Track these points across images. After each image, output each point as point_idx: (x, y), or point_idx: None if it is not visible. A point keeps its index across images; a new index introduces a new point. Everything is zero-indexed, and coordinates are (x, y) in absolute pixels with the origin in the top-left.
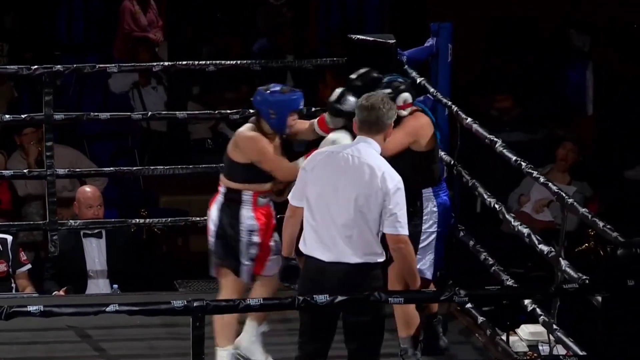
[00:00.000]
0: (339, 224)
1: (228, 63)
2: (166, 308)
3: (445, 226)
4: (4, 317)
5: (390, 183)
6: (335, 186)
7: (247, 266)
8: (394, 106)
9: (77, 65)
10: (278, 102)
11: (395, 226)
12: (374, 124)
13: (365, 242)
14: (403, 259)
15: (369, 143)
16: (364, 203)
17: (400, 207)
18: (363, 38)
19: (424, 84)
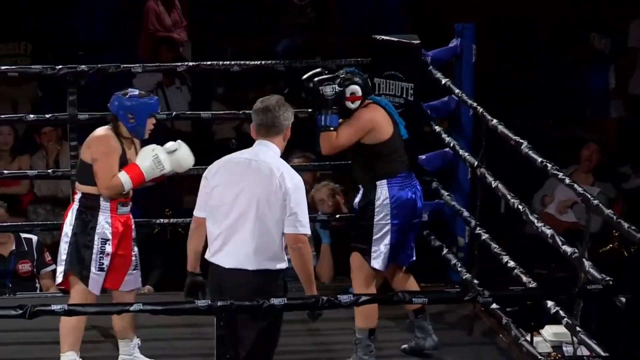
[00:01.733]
0: (240, 229)
1: (252, 63)
2: (190, 308)
3: (402, 218)
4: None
5: (289, 182)
6: (235, 192)
7: (96, 276)
8: (290, 109)
9: (102, 65)
10: (137, 106)
11: (296, 225)
12: (271, 127)
13: (266, 247)
14: (301, 259)
15: (267, 146)
16: (264, 205)
17: (301, 207)
18: (387, 38)
19: (449, 84)
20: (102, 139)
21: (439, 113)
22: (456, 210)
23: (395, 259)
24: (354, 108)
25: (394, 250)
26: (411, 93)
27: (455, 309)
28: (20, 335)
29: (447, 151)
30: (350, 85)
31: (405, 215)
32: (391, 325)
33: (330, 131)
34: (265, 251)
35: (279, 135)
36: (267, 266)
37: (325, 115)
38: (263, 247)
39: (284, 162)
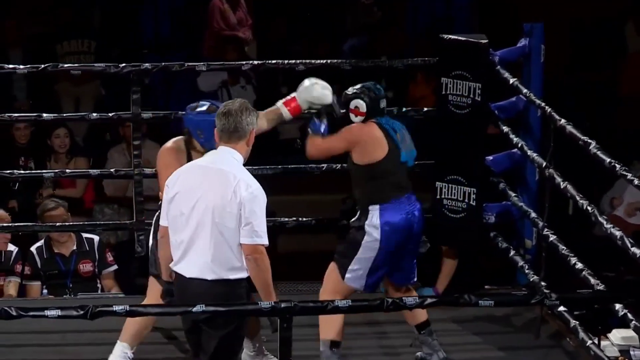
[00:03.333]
0: (199, 238)
1: (318, 62)
2: (253, 309)
3: (393, 244)
4: (90, 317)
5: (244, 191)
6: (193, 200)
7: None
8: (254, 113)
9: (166, 64)
10: (204, 122)
11: (252, 236)
12: (234, 132)
13: (224, 257)
14: (257, 269)
15: (229, 152)
16: (220, 214)
17: (257, 216)
18: (455, 38)
19: (517, 84)
20: (163, 152)
21: (506, 113)
22: (524, 211)
23: (385, 279)
24: (356, 122)
25: (377, 272)
26: (479, 93)
27: (522, 311)
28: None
29: (515, 152)
30: (356, 99)
31: (397, 240)
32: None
33: (319, 136)
34: (223, 261)
35: (241, 141)
36: (226, 276)
37: (319, 121)
38: (221, 257)
39: (244, 170)
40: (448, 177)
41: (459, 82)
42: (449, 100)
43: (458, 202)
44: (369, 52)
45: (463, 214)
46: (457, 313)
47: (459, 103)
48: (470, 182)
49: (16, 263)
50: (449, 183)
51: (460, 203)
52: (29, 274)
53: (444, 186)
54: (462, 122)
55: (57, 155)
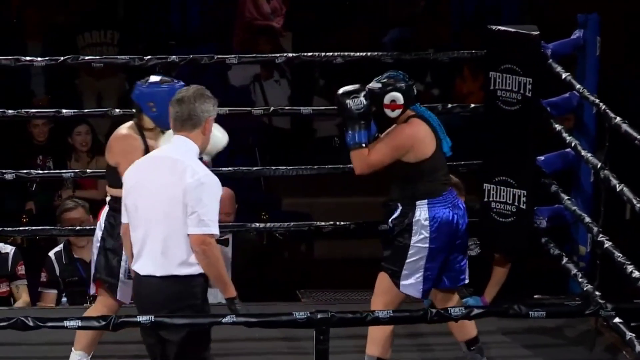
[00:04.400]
0: (151, 233)
1: (357, 55)
2: (287, 320)
3: (442, 241)
4: (112, 328)
5: (190, 177)
6: (146, 193)
7: (123, 285)
8: (210, 100)
9: (194, 56)
10: (156, 93)
11: (198, 225)
12: (186, 120)
13: (174, 250)
14: (207, 261)
15: (184, 141)
16: (168, 204)
17: (204, 204)
18: (504, 29)
19: (570, 79)
20: (121, 138)
21: (559, 110)
22: (577, 215)
23: (437, 283)
24: (394, 117)
25: (431, 275)
26: (529, 88)
27: (576, 323)
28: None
29: (568, 152)
30: (391, 92)
31: (446, 237)
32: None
33: (361, 148)
34: (173, 255)
35: (196, 129)
36: (176, 271)
37: (353, 131)
38: (170, 251)
39: (194, 158)
40: (496, 178)
41: (508, 77)
42: (497, 96)
43: (507, 205)
44: (411, 45)
45: (512, 218)
46: (507, 324)
47: (508, 99)
48: (520, 184)
49: (17, 265)
50: (497, 185)
51: (510, 206)
52: (45, 280)
53: (492, 188)
54: (511, 119)
55: (78, 154)
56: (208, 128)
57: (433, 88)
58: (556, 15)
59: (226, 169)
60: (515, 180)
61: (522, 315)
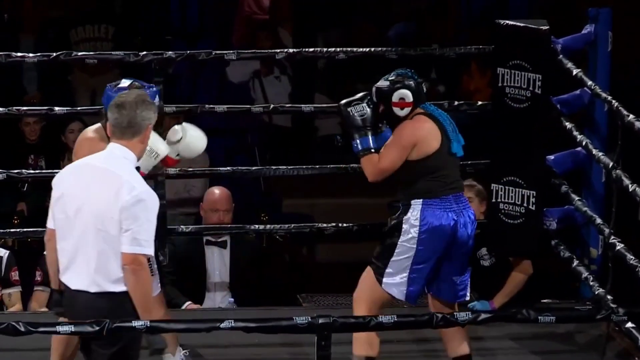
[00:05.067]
0: (83, 246)
1: (360, 50)
2: (288, 325)
3: (432, 245)
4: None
5: (127, 194)
6: (78, 203)
7: None
8: (152, 106)
9: (191, 52)
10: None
11: (132, 244)
12: (127, 127)
13: (108, 267)
14: (135, 282)
15: (121, 150)
16: (102, 221)
17: (141, 223)
18: (512, 24)
19: (581, 76)
20: (82, 142)
21: (570, 108)
22: (588, 217)
23: (430, 289)
24: (404, 115)
25: (417, 277)
26: (539, 85)
27: (587, 328)
28: None
29: (579, 151)
30: (399, 90)
31: (438, 242)
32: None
33: (370, 153)
34: (107, 272)
35: (135, 138)
36: (111, 288)
37: (360, 138)
38: (104, 268)
39: (132, 171)
40: (504, 178)
41: (517, 73)
42: (506, 93)
43: (515, 206)
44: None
45: (521, 219)
46: (515, 329)
47: (517, 96)
48: (529, 184)
49: (10, 270)
50: (505, 185)
51: (518, 207)
52: (39, 280)
53: (500, 188)
54: (520, 117)
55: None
56: (147, 136)
57: (438, 85)
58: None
59: (224, 169)
60: (524, 181)
61: (531, 320)
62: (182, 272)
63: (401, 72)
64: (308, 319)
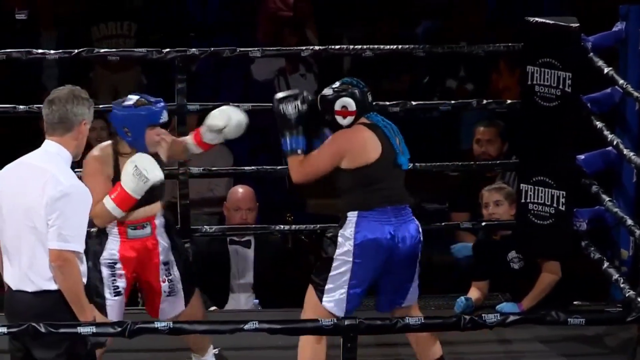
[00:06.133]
0: (19, 245)
1: (387, 48)
2: (313, 327)
3: (369, 259)
4: (128, 335)
5: (53, 189)
6: (11, 201)
7: (112, 302)
8: (85, 102)
9: (215, 49)
10: (130, 117)
11: (57, 239)
12: (57, 124)
13: (41, 265)
14: (62, 279)
15: (54, 147)
16: (32, 217)
17: (67, 218)
18: (542, 21)
19: (612, 74)
20: (88, 160)
21: (600, 107)
22: (619, 217)
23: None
24: (347, 124)
25: (354, 293)
26: (569, 84)
27: (617, 331)
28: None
29: (610, 150)
30: (342, 98)
31: (374, 257)
32: None
33: (296, 155)
34: (41, 270)
35: (67, 134)
36: (47, 286)
37: (288, 137)
38: (38, 266)
39: (63, 167)
40: (534, 178)
41: (546, 71)
42: (535, 91)
43: (545, 206)
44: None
45: (551, 220)
46: (544, 332)
47: (546, 95)
48: (559, 184)
49: None
50: (535, 185)
51: (548, 208)
52: None
53: (529, 189)
54: (550, 116)
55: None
56: (82, 132)
57: (467, 83)
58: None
59: (249, 168)
60: (554, 181)
61: (560, 323)
62: (206, 273)
63: (347, 80)
64: (334, 321)
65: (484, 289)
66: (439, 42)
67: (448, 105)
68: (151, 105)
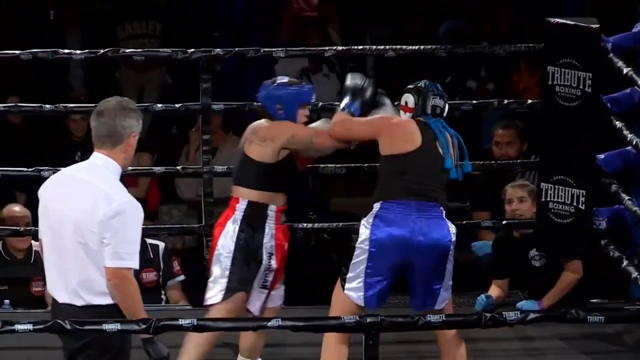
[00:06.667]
0: (66, 259)
1: (409, 48)
2: (336, 324)
3: (383, 250)
4: (153, 331)
5: (105, 207)
6: (59, 215)
7: (259, 294)
8: (134, 114)
9: (240, 49)
10: (285, 95)
11: (113, 258)
12: (107, 137)
13: (91, 280)
14: (120, 296)
15: (102, 160)
16: (82, 234)
17: (121, 236)
18: (562, 22)
19: (631, 74)
20: (276, 124)
21: (620, 107)
22: (638, 216)
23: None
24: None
25: (372, 282)
26: (589, 84)
27: (636, 328)
28: None
29: (629, 150)
30: (405, 93)
31: (389, 247)
32: None
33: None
34: (90, 285)
35: (117, 147)
36: (96, 301)
37: (348, 99)
38: (88, 281)
39: (113, 181)
40: (554, 177)
41: (567, 72)
42: (555, 91)
43: (565, 205)
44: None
45: (571, 218)
46: (564, 329)
47: (566, 95)
48: (579, 184)
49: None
50: (555, 184)
51: (568, 207)
52: None
53: (549, 187)
54: (570, 115)
55: None
56: (130, 145)
57: (488, 83)
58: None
59: None
60: (574, 180)
61: (580, 320)
62: None
63: (424, 81)
64: (356, 318)
65: (504, 286)
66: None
67: (470, 105)
68: (302, 85)
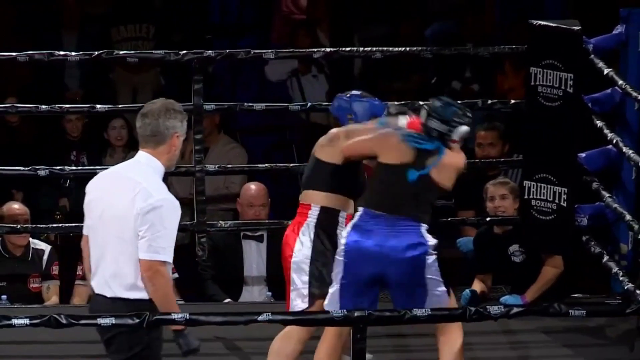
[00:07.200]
0: (105, 252)
1: (396, 50)
2: (324, 318)
3: (353, 259)
4: (147, 325)
5: (143, 201)
6: (102, 209)
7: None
8: (178, 115)
9: (231, 51)
10: (358, 105)
11: (148, 251)
12: (150, 136)
13: (124, 273)
14: (153, 289)
15: (146, 158)
16: (120, 227)
17: (157, 230)
18: (545, 24)
19: (612, 75)
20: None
21: (601, 106)
22: (619, 213)
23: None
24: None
25: (348, 293)
26: (571, 84)
27: (617, 322)
28: None
29: (610, 149)
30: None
31: (360, 259)
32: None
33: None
34: (122, 278)
35: (160, 147)
36: (124, 295)
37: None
38: (121, 274)
39: (154, 179)
40: (537, 175)
41: (549, 72)
42: (538, 91)
43: (547, 202)
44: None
45: (553, 215)
46: (546, 323)
47: (549, 95)
48: (561, 181)
49: (52, 265)
50: (537, 182)
51: (550, 204)
52: (80, 274)
53: (532, 185)
54: (552, 115)
55: (114, 149)
56: (174, 145)
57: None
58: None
59: (263, 165)
60: (556, 178)
61: (562, 314)
62: (221, 266)
63: (437, 105)
64: (344, 312)
65: (487, 281)
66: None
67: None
68: (372, 99)
